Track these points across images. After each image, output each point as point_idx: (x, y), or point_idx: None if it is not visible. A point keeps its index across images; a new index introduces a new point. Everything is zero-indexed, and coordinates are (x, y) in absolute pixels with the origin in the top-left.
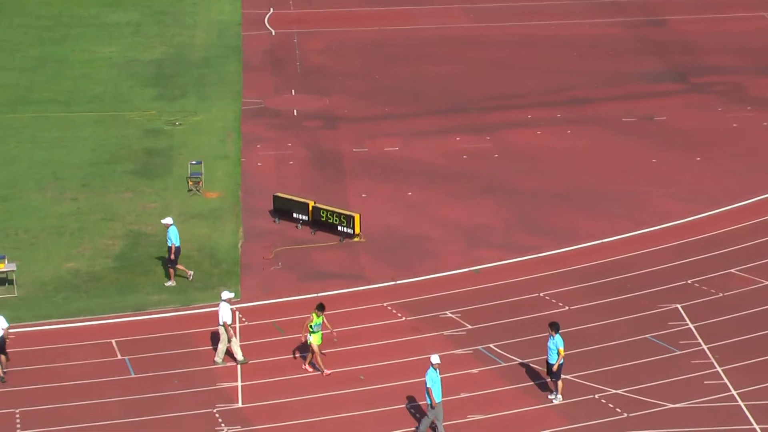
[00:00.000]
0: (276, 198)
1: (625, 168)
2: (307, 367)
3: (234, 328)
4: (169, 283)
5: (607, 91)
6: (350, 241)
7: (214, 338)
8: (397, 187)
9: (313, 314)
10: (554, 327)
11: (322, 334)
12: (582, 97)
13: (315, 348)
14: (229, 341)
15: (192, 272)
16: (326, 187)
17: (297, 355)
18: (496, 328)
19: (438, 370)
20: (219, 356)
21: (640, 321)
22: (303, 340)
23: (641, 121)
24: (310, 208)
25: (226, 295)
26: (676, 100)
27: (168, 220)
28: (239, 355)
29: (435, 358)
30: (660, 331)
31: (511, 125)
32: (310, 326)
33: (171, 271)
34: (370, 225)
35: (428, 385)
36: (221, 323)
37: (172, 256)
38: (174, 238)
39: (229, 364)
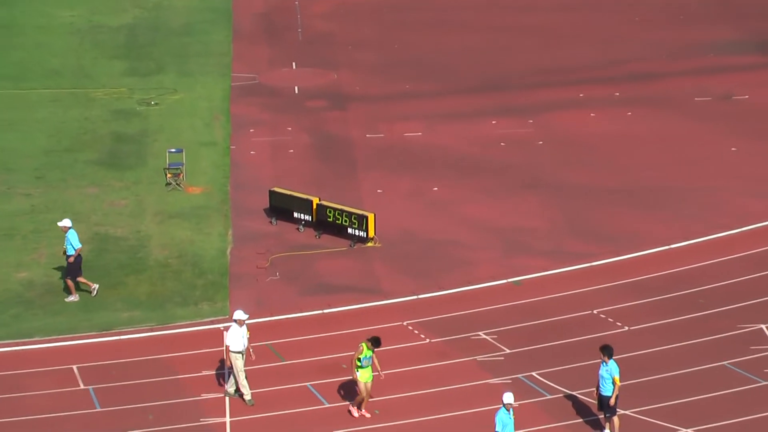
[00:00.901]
0: (273, 194)
1: (698, 159)
2: (357, 411)
3: (248, 357)
4: (71, 298)
5: (676, 65)
6: (363, 246)
7: (198, 364)
8: (419, 182)
9: (363, 345)
10: (608, 351)
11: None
12: (645, 72)
13: (362, 387)
14: (237, 374)
15: (97, 286)
16: (334, 182)
17: (297, 384)
18: (539, 352)
19: (512, 412)
20: (230, 386)
21: (715, 344)
22: (353, 377)
23: (717, 102)
24: (314, 207)
25: (238, 315)
26: (758, 75)
27: (66, 222)
28: (247, 394)
29: (508, 397)
30: (740, 356)
31: (558, 106)
32: (358, 359)
33: (71, 283)
34: (387, 227)
35: (497, 430)
36: (234, 349)
37: (74, 264)
38: (74, 243)
39: (217, 395)
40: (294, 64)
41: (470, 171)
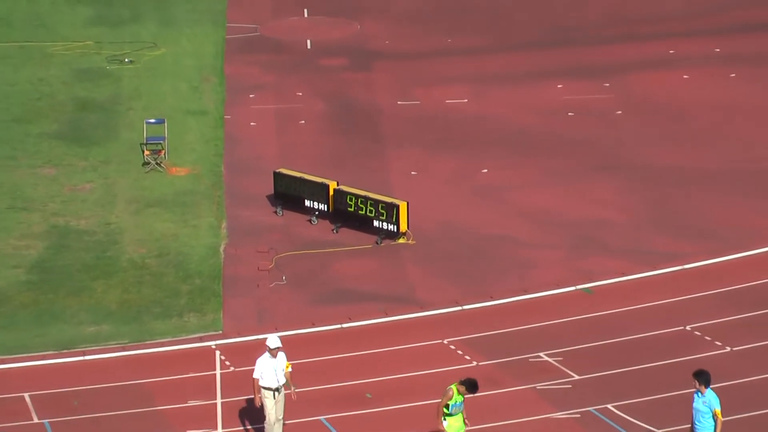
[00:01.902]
0: (278, 177)
1: None
2: None
3: (288, 400)
4: None
5: None
6: (392, 243)
7: (183, 392)
8: (464, 162)
9: (454, 387)
10: (704, 378)
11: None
12: (753, 22)
13: None
14: (267, 420)
15: None
16: (356, 161)
17: (309, 418)
18: (615, 378)
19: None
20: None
21: None
22: (440, 427)
23: None
24: (331, 193)
25: (272, 342)
26: None
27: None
28: None
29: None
30: None
31: (641, 66)
32: (446, 406)
33: None
34: (423, 219)
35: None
36: (264, 384)
37: None
38: None
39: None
40: (306, 11)
41: (529, 148)
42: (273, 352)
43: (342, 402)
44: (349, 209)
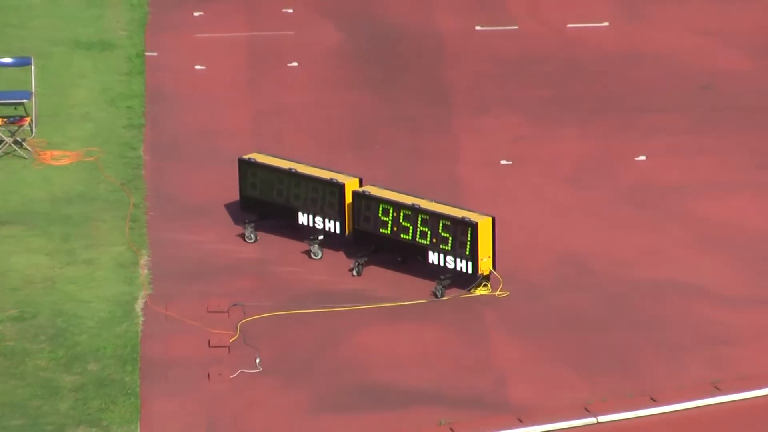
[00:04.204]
0: (249, 170)
1: None
2: None
3: None
4: None
5: None
6: (464, 295)
7: None
8: (601, 140)
9: None
10: None
11: None
12: None
13: None
14: None
15: None
16: (394, 140)
17: None
18: None
19: None
20: None
21: None
22: None
23: None
24: (348, 200)
25: None
26: None
27: None
28: None
29: None
30: None
31: None
32: None
33: None
34: (524, 249)
35: None
36: None
37: None
38: None
39: None
40: None
41: (723, 116)
42: None
43: None
44: (381, 230)
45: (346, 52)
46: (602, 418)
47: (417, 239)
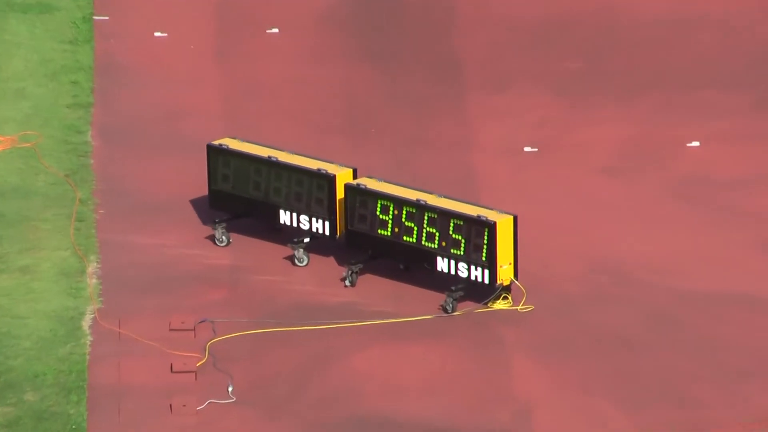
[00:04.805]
0: (219, 158)
1: None
2: None
3: None
4: None
5: None
6: (480, 310)
7: None
8: (645, 123)
9: None
10: None
11: None
12: None
13: None
14: None
15: None
16: (397, 122)
17: None
18: None
19: None
20: None
21: None
22: None
23: None
24: (340, 195)
25: None
26: None
27: None
28: None
29: None
30: None
31: None
32: None
33: None
34: (552, 255)
35: None
36: None
37: None
38: None
39: None
40: None
41: None
42: None
43: None
44: (380, 231)
45: (337, 16)
46: None
47: (423, 242)
